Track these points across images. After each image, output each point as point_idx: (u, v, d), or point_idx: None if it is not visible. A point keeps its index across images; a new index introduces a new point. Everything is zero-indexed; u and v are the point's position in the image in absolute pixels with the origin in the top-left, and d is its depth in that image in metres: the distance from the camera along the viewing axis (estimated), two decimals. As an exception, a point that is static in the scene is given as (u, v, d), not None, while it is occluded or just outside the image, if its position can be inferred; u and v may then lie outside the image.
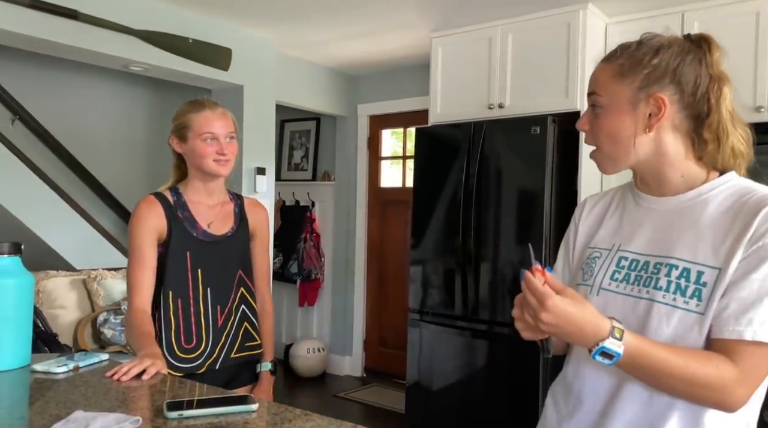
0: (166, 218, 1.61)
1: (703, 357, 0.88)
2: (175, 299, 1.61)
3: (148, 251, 1.57)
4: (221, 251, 1.66)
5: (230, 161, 1.64)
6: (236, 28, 3.50)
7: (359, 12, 3.23)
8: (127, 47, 3.00)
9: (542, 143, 2.85)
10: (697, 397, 0.89)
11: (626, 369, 0.89)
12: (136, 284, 1.56)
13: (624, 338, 0.87)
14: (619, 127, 0.98)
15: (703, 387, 0.87)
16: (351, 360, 4.65)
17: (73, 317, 3.11)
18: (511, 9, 3.07)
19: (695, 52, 0.97)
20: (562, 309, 0.86)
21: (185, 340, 1.61)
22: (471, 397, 3.05)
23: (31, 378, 1.25)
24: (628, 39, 1.03)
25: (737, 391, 0.87)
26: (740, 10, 2.73)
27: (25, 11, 2.63)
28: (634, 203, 1.06)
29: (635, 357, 0.87)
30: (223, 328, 1.66)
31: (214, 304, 1.65)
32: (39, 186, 3.50)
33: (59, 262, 3.49)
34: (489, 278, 3.03)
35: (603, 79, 1.00)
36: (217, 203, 1.70)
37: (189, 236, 1.63)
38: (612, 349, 0.86)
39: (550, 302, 0.86)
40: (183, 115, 1.65)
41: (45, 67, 4.08)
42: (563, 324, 0.87)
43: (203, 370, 1.62)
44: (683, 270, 0.93)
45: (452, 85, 3.39)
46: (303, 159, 4.93)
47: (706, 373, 0.86)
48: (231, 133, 1.65)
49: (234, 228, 1.71)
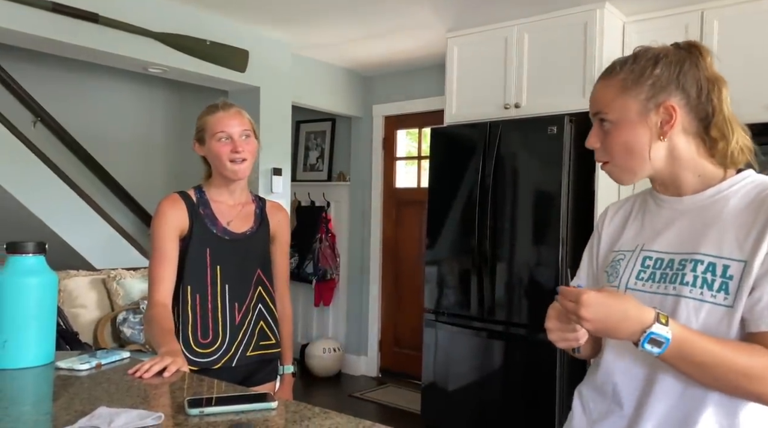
0: (188, 215, 1.64)
1: (747, 347, 0.88)
2: (194, 294, 1.63)
3: (169, 247, 1.60)
4: (240, 249, 1.69)
5: (247, 161, 1.65)
6: (253, 30, 3.53)
7: (375, 12, 3.24)
8: (146, 49, 3.04)
9: (559, 143, 2.83)
10: (741, 388, 0.89)
11: (672, 359, 0.88)
12: (157, 279, 1.58)
13: (669, 324, 0.87)
14: (634, 139, 1.00)
15: (747, 377, 0.87)
16: (366, 360, 4.66)
17: (93, 316, 3.15)
18: (528, 8, 3.06)
19: (690, 59, 0.99)
20: (599, 300, 0.87)
21: (202, 335, 1.63)
22: (487, 398, 3.04)
23: (54, 374, 1.28)
24: (645, 38, 1.07)
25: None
26: (760, 8, 2.69)
27: (47, 15, 2.68)
28: (655, 205, 1.08)
29: (682, 344, 0.86)
30: (241, 325, 1.68)
31: (232, 301, 1.67)
32: (60, 187, 3.56)
33: (79, 261, 3.55)
34: (505, 279, 3.02)
35: (608, 96, 1.01)
36: (239, 203, 1.73)
37: (209, 233, 1.65)
38: (661, 334, 0.86)
39: (586, 296, 0.87)
40: (200, 119, 1.70)
41: (65, 70, 4.15)
42: (604, 315, 0.87)
43: (219, 366, 1.64)
44: (709, 265, 0.94)
45: (468, 85, 3.38)
46: (318, 160, 4.95)
47: (752, 363, 0.87)
48: (246, 130, 1.66)
49: (254, 228, 1.72)
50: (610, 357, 1.05)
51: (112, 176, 4.37)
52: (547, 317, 0.98)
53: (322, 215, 4.72)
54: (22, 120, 3.82)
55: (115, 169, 4.39)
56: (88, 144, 4.24)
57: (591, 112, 1.05)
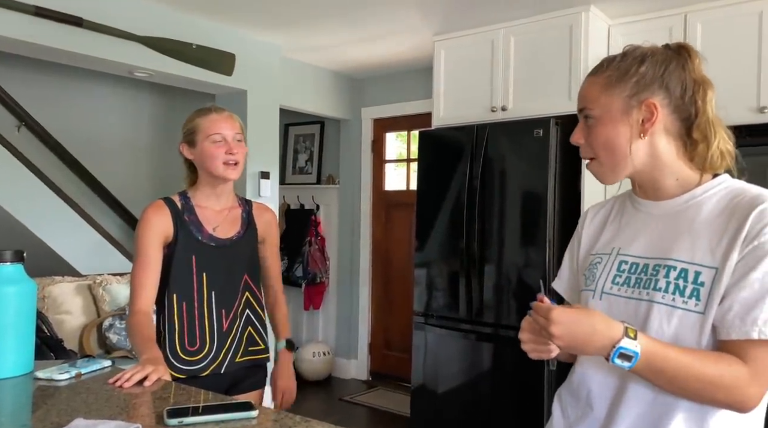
0: (172, 222, 1.63)
1: (715, 357, 0.89)
2: (180, 301, 1.62)
3: (153, 254, 1.59)
4: (227, 255, 1.68)
5: (239, 163, 1.65)
6: (240, 33, 3.52)
7: (362, 16, 3.24)
8: (131, 54, 3.02)
9: (545, 146, 2.84)
10: (710, 397, 0.90)
11: (642, 371, 0.89)
12: (139, 287, 1.57)
13: (638, 338, 0.88)
14: (615, 135, 1.00)
15: (716, 387, 0.88)
16: (356, 364, 4.65)
17: (78, 322, 3.12)
18: (514, 12, 3.07)
19: (677, 59, 1.00)
20: (568, 317, 0.88)
21: (189, 342, 1.62)
22: (476, 400, 3.04)
23: (33, 385, 1.26)
24: (630, 41, 1.07)
25: (749, 390, 0.88)
26: (743, 11, 2.71)
27: (30, 19, 2.65)
28: (633, 208, 1.08)
29: (651, 356, 0.87)
30: (228, 332, 1.67)
31: (219, 308, 1.66)
32: (44, 192, 3.53)
33: (65, 267, 3.51)
34: (493, 281, 3.02)
35: (593, 93, 1.03)
36: (225, 208, 1.72)
37: (194, 240, 1.64)
38: (630, 349, 0.86)
39: (554, 313, 0.88)
40: (191, 121, 1.68)
41: (50, 74, 4.11)
42: (573, 331, 0.88)
43: (207, 373, 1.63)
44: (681, 271, 0.94)
45: (455, 88, 3.39)
46: (307, 163, 4.94)
47: (720, 373, 0.87)
48: (238, 134, 1.67)
49: (240, 232, 1.72)
50: (584, 362, 1.06)
51: (99, 181, 4.33)
52: (521, 329, 1.00)
53: (311, 218, 4.71)
54: (6, 125, 3.78)
55: (102, 173, 4.36)
56: (74, 149, 4.20)
57: (577, 108, 1.06)
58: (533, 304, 0.93)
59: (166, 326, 1.63)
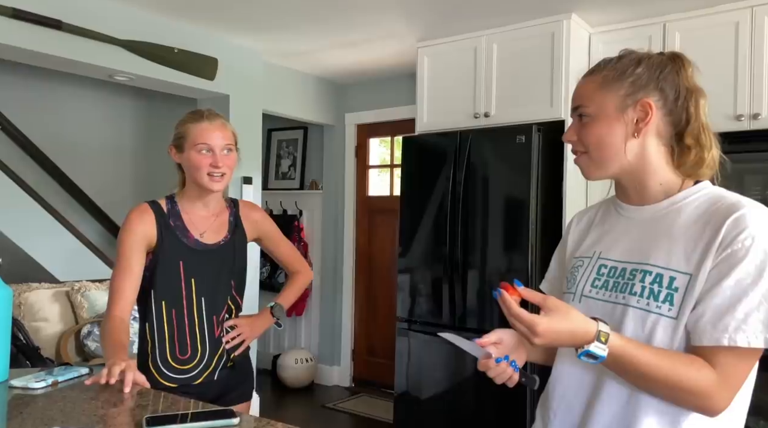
0: (156, 227, 1.59)
1: (687, 360, 0.90)
2: (169, 309, 1.59)
3: (133, 259, 1.55)
4: (215, 260, 1.64)
5: (225, 175, 1.60)
6: (222, 38, 3.50)
7: (346, 22, 3.24)
8: (111, 57, 2.98)
9: (527, 152, 2.86)
10: (679, 400, 0.92)
11: (612, 368, 0.93)
12: (117, 292, 1.53)
13: (609, 340, 0.90)
14: (609, 133, 1.02)
15: (685, 390, 0.90)
16: (339, 370, 4.62)
17: (56, 329, 3.06)
18: (496, 19, 3.10)
19: (672, 65, 1.02)
20: (551, 330, 0.90)
21: (180, 351, 1.59)
22: (460, 406, 3.04)
23: (9, 394, 1.23)
24: (611, 49, 1.10)
25: (718, 395, 0.89)
26: (720, 20, 2.77)
27: (8, 21, 2.61)
28: (616, 213, 1.10)
29: (618, 358, 0.90)
30: (220, 339, 1.65)
31: (210, 314, 1.62)
32: (22, 197, 3.46)
33: (42, 274, 3.45)
34: (476, 286, 3.03)
35: (588, 91, 1.04)
36: (212, 214, 1.68)
37: (181, 245, 1.60)
38: (596, 352, 0.89)
39: (540, 328, 0.90)
40: (182, 124, 1.64)
41: (28, 78, 4.05)
42: (555, 340, 0.91)
43: (200, 381, 1.60)
44: (656, 276, 0.96)
45: (438, 94, 3.40)
46: (291, 168, 4.92)
47: (689, 376, 0.89)
48: (228, 145, 1.61)
49: (227, 237, 1.68)
50: (562, 363, 1.09)
51: (78, 186, 4.27)
52: (480, 366, 1.05)
53: (294, 223, 4.68)
54: (-17, 128, 3.71)
55: (82, 179, 4.29)
56: (53, 153, 4.13)
57: (571, 107, 1.08)
58: (506, 303, 0.93)
59: (155, 334, 1.58)
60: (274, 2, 2.97)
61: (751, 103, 2.68)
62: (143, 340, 1.62)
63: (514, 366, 1.04)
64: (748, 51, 2.69)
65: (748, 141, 2.63)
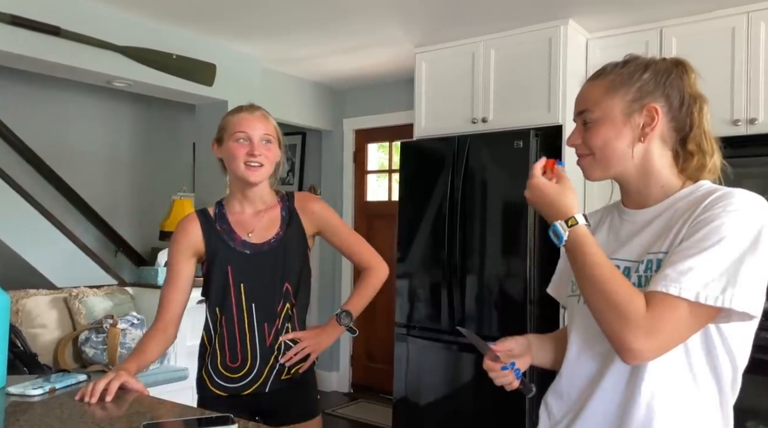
0: (203, 235, 1.56)
1: (630, 284, 0.93)
2: (221, 316, 1.55)
3: (180, 270, 1.54)
4: (267, 261, 1.56)
5: (264, 166, 1.53)
6: (220, 44, 3.51)
7: (344, 28, 3.25)
8: (110, 63, 2.99)
9: (525, 157, 2.87)
10: (605, 315, 0.92)
11: (568, 255, 1.00)
12: (161, 304, 1.54)
13: (574, 228, 0.98)
14: (614, 137, 1.03)
15: (613, 305, 0.90)
16: (338, 376, 4.61)
17: (53, 336, 3.05)
18: (494, 25, 3.11)
19: (676, 71, 1.04)
20: (540, 187, 1.02)
21: (230, 359, 1.54)
22: (459, 411, 3.03)
23: (6, 401, 1.23)
24: (608, 54, 1.10)
25: (640, 332, 0.88)
26: (716, 26, 2.78)
27: (5, 28, 2.61)
28: (619, 218, 1.12)
29: (575, 244, 0.97)
30: (272, 348, 1.55)
31: (261, 321, 1.54)
32: (19, 203, 3.45)
33: (40, 280, 3.43)
34: (475, 291, 3.02)
35: (594, 95, 1.05)
36: (260, 210, 1.60)
37: (228, 249, 1.55)
38: (558, 230, 0.99)
39: (532, 181, 1.03)
40: (223, 119, 1.61)
41: (26, 84, 4.05)
42: (538, 200, 1.03)
43: (250, 391, 1.54)
44: (647, 263, 0.98)
45: (436, 99, 3.41)
46: (289, 173, 4.92)
47: (623, 293, 0.90)
48: (267, 135, 1.55)
49: (279, 234, 1.58)
50: (569, 362, 1.10)
51: (76, 192, 4.26)
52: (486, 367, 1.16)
53: (292, 229, 4.67)
54: (-19, 135, 3.71)
55: (80, 185, 4.28)
56: (51, 159, 4.13)
57: (575, 111, 1.08)
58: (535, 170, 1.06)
59: (210, 340, 1.57)
60: (272, 8, 2.98)
61: (748, 108, 2.69)
62: (202, 345, 1.61)
63: (518, 373, 1.12)
64: (744, 56, 2.71)
65: (745, 146, 2.64)
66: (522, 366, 1.15)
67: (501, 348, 1.13)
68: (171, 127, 4.87)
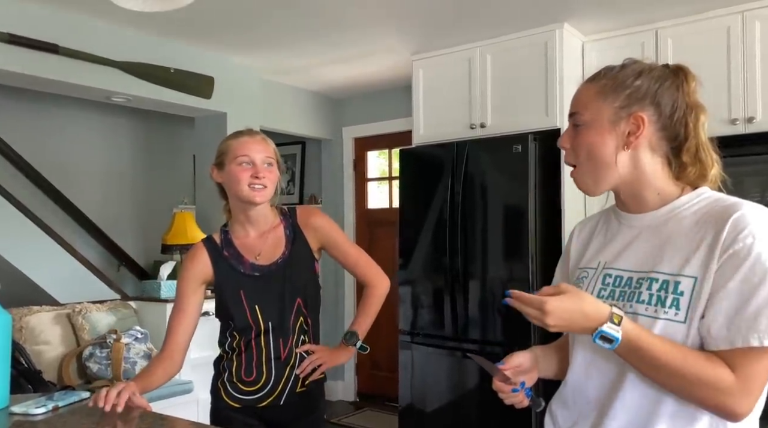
0: (211, 262, 1.60)
1: (704, 355, 0.90)
2: (239, 336, 1.60)
3: (189, 298, 1.59)
4: (277, 280, 1.59)
5: (267, 188, 1.57)
6: (218, 57, 3.52)
7: (341, 38, 3.26)
8: (108, 79, 3.00)
9: (524, 161, 2.87)
10: (698, 395, 0.90)
11: (625, 356, 0.92)
12: (168, 333, 1.57)
13: (623, 324, 0.90)
14: (599, 143, 1.01)
15: (704, 384, 0.88)
16: (344, 385, 4.59)
17: (57, 352, 3.05)
18: (489, 30, 3.12)
19: (673, 79, 1.02)
20: (560, 307, 0.90)
21: (245, 373, 1.59)
22: (464, 418, 3.02)
23: (9, 421, 1.23)
24: (604, 57, 1.10)
25: (738, 396, 0.88)
26: (711, 26, 2.79)
27: (4, 47, 2.62)
28: (617, 222, 1.10)
29: (633, 343, 0.90)
30: (287, 362, 1.60)
31: (277, 337, 1.59)
32: (20, 220, 3.46)
33: (42, 297, 3.43)
34: (478, 297, 3.02)
35: (586, 98, 1.04)
36: (264, 232, 1.63)
37: (237, 274, 1.59)
38: (610, 333, 0.89)
39: (549, 306, 0.90)
40: (222, 143, 1.64)
41: (25, 101, 4.06)
42: (567, 320, 0.90)
43: (265, 404, 1.58)
44: (663, 283, 0.96)
45: (434, 106, 3.42)
46: (289, 183, 4.93)
47: (707, 370, 0.88)
48: (269, 158, 1.59)
49: (286, 253, 1.61)
50: (575, 371, 1.08)
51: (77, 208, 4.27)
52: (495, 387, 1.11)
53: (294, 239, 4.67)
54: (-19, 153, 3.72)
55: (81, 200, 4.29)
56: (52, 176, 4.14)
57: (569, 112, 1.07)
58: (519, 295, 0.93)
59: (226, 353, 1.62)
60: (269, 20, 3.00)
61: (746, 107, 2.69)
62: (219, 357, 1.66)
63: (528, 392, 1.09)
64: (740, 55, 2.71)
65: (743, 145, 2.64)
66: (529, 382, 1.13)
67: (509, 367, 1.10)
68: (171, 140, 4.88)
